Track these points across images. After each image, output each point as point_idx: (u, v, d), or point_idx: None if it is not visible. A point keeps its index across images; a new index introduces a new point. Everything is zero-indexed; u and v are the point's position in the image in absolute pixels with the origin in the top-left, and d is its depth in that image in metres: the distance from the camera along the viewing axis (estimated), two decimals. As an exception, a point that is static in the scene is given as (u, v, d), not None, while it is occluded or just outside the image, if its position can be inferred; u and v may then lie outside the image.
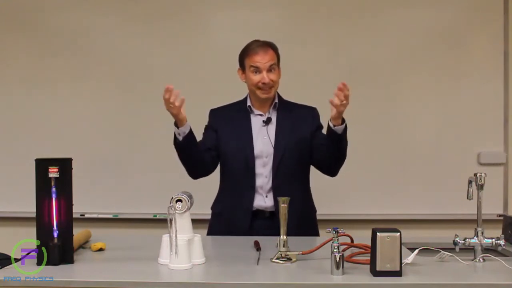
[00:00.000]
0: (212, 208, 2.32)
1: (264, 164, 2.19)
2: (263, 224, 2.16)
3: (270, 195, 2.18)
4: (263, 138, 2.20)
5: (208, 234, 2.25)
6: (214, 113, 2.33)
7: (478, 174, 1.76)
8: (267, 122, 2.22)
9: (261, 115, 2.25)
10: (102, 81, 3.21)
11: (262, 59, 2.15)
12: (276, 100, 2.25)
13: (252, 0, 3.21)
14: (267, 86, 2.16)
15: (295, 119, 2.24)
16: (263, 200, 2.19)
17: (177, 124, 2.08)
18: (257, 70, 2.16)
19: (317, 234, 2.29)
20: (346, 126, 2.07)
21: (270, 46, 2.21)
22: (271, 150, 2.18)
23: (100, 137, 3.20)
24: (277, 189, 2.16)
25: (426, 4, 3.14)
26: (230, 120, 2.26)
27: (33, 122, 3.22)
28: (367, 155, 3.13)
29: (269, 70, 2.16)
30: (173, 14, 3.18)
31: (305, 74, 3.12)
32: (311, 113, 2.30)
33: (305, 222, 2.22)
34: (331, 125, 2.03)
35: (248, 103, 2.26)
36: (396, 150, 3.14)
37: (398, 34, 3.14)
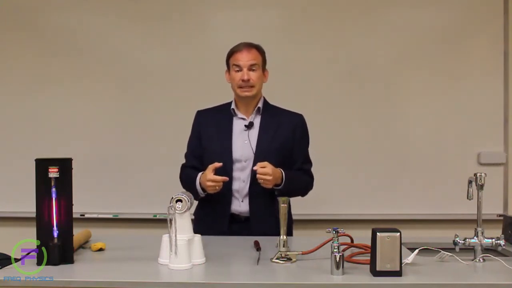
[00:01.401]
0: (195, 213, 2.31)
1: (242, 168, 2.18)
2: (240, 226, 2.17)
3: (246, 200, 2.17)
4: (244, 142, 2.19)
5: None
6: (199, 115, 2.33)
7: (478, 174, 1.76)
8: (249, 126, 2.21)
9: (243, 119, 2.24)
10: (102, 81, 3.21)
11: (244, 57, 2.16)
12: (260, 105, 2.24)
13: (252, 0, 3.21)
14: (246, 84, 2.16)
15: (278, 125, 2.23)
16: (238, 205, 2.18)
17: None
18: (239, 68, 2.17)
19: None
20: (283, 185, 2.11)
21: (254, 46, 2.21)
22: (251, 155, 2.17)
23: (100, 137, 3.20)
24: (253, 195, 2.16)
25: (426, 4, 3.14)
26: (213, 122, 2.27)
27: (33, 122, 3.22)
28: (367, 155, 3.13)
29: (250, 69, 2.16)
30: (173, 14, 3.18)
31: (305, 73, 3.12)
32: (296, 120, 2.27)
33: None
34: None
35: (232, 106, 2.26)
36: (396, 150, 3.14)
37: (398, 34, 3.14)
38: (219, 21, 3.23)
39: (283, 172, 2.10)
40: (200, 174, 2.15)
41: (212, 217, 2.21)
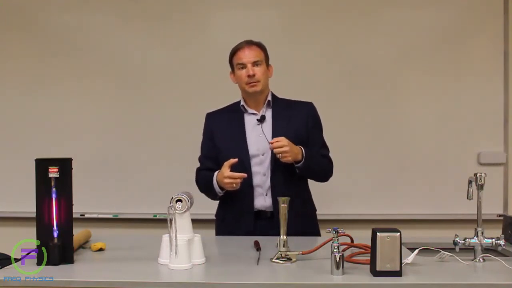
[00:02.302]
0: (216, 214, 2.33)
1: (260, 162, 2.20)
2: (266, 225, 2.16)
3: (270, 193, 2.18)
4: (258, 136, 2.20)
5: None
6: (209, 117, 2.35)
7: (478, 174, 1.76)
8: (261, 120, 2.22)
9: (254, 114, 2.26)
10: (102, 81, 3.21)
11: (246, 54, 2.19)
12: (269, 98, 2.26)
13: (252, 0, 3.21)
14: (252, 79, 2.17)
15: (290, 115, 2.25)
16: (263, 199, 2.19)
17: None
18: (243, 66, 2.19)
19: (318, 234, 2.29)
20: (304, 161, 2.12)
21: (255, 43, 2.23)
22: (267, 148, 2.17)
23: (100, 137, 3.20)
24: (275, 187, 2.16)
25: (426, 4, 3.14)
26: (225, 122, 2.28)
27: (33, 122, 3.22)
28: (367, 155, 3.13)
29: (254, 65, 2.18)
30: (173, 14, 3.18)
31: (305, 73, 3.12)
32: (307, 108, 2.30)
33: (305, 221, 2.22)
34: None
35: (242, 103, 2.28)
36: (396, 150, 3.14)
37: (398, 34, 3.14)
38: (219, 21, 3.23)
39: (302, 149, 2.11)
40: (216, 173, 2.16)
41: (237, 216, 2.21)
